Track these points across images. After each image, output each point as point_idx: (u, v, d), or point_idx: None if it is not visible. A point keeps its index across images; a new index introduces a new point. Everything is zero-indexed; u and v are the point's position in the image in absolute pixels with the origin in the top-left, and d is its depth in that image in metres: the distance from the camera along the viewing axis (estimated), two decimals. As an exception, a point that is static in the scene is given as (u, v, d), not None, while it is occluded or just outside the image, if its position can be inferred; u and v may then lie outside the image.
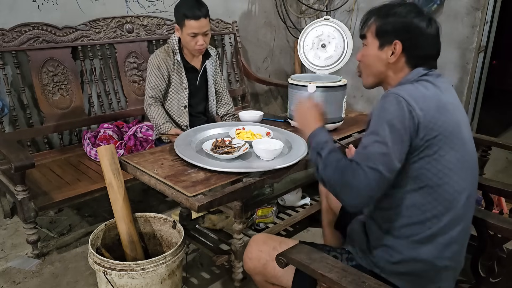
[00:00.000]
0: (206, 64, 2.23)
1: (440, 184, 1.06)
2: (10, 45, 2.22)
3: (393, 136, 1.02)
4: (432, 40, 1.16)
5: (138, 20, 2.71)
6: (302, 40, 2.18)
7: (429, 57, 1.17)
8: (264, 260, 1.26)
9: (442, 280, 1.12)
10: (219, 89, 2.40)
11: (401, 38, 1.15)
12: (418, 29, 1.14)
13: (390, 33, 1.16)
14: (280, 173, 1.56)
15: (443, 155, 1.05)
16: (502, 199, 2.22)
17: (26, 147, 2.35)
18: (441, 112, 1.07)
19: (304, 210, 2.23)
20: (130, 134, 2.42)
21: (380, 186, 1.02)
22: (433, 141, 1.04)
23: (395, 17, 1.16)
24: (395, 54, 1.16)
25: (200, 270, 2.02)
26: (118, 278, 1.46)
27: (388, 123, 1.03)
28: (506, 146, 1.94)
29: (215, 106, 2.38)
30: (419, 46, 1.15)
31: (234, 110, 2.48)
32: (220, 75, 2.40)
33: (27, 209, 1.91)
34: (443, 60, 3.12)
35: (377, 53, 1.20)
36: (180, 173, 1.51)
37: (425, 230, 1.08)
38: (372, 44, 1.21)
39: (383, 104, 1.07)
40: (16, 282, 1.91)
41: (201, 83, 2.25)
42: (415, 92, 1.07)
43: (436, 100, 1.08)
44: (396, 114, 1.03)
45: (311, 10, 3.77)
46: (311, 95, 1.40)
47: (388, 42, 1.17)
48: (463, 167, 1.09)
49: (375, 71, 1.22)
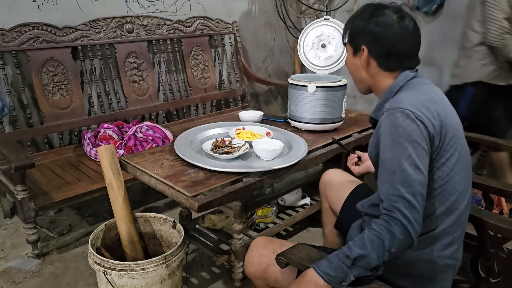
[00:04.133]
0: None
1: (444, 186, 1.05)
2: (10, 45, 2.22)
3: (418, 151, 0.99)
4: (400, 38, 1.12)
5: (138, 20, 2.71)
6: (302, 40, 2.18)
7: (402, 57, 1.14)
8: (265, 264, 1.24)
9: (444, 279, 1.12)
10: None
11: (365, 42, 1.15)
12: (381, 32, 1.12)
13: (357, 39, 1.17)
14: (280, 173, 1.56)
15: (449, 158, 1.04)
16: (502, 199, 2.22)
17: (26, 147, 2.34)
18: (445, 115, 1.05)
19: (304, 210, 2.23)
20: (130, 134, 2.42)
21: (422, 205, 0.98)
22: (443, 147, 1.03)
23: (360, 22, 1.16)
24: (363, 59, 1.17)
25: (200, 270, 2.02)
26: (118, 278, 1.46)
27: (408, 140, 0.99)
28: (506, 146, 1.94)
29: None
30: (386, 47, 1.12)
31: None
32: None
33: (27, 209, 1.91)
34: (443, 60, 3.15)
35: (353, 60, 1.21)
36: (180, 173, 1.51)
37: (428, 232, 1.07)
38: (349, 51, 1.23)
39: (392, 122, 1.02)
40: (16, 282, 1.91)
41: None
42: (416, 101, 1.04)
43: (437, 103, 1.06)
44: (411, 128, 0.99)
45: (311, 10, 3.77)
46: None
47: (358, 47, 1.17)
48: (462, 167, 1.09)
49: (358, 77, 1.23)
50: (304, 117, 1.98)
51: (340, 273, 0.94)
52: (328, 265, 0.96)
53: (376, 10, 1.15)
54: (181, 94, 2.98)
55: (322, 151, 1.77)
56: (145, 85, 2.76)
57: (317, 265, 0.98)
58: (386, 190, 1.00)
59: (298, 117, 2.01)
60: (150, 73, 2.78)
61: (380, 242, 0.95)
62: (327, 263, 0.97)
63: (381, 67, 1.16)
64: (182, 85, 2.99)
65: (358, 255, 0.94)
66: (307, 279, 0.98)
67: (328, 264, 0.96)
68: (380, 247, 0.95)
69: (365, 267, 0.95)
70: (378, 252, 0.94)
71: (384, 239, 0.95)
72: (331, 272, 0.95)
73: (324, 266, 0.96)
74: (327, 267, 0.96)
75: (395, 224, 0.95)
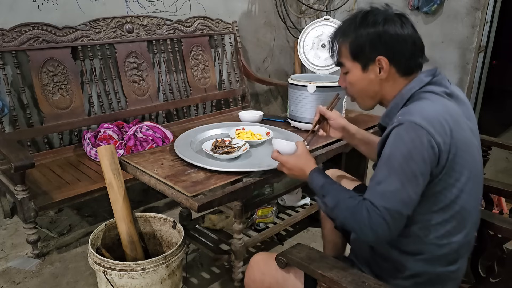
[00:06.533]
0: None
1: (452, 206, 1.01)
2: (10, 45, 2.22)
3: (411, 169, 0.94)
4: (412, 38, 1.06)
5: (138, 20, 2.71)
6: (302, 40, 2.18)
7: (416, 55, 1.08)
8: (268, 283, 1.19)
9: (448, 285, 1.11)
10: None
11: (382, 51, 1.06)
12: (395, 35, 1.04)
13: (368, 51, 1.07)
14: (280, 173, 1.56)
15: (458, 178, 0.99)
16: (502, 199, 2.22)
17: (26, 147, 2.35)
18: (456, 130, 0.98)
19: (304, 210, 2.23)
20: (130, 134, 2.42)
21: (398, 226, 0.97)
22: (451, 165, 0.97)
23: (365, 32, 1.06)
24: (384, 70, 1.07)
25: (200, 270, 2.02)
26: (118, 278, 1.46)
27: (406, 156, 0.94)
28: (506, 146, 1.94)
29: None
30: (404, 51, 1.06)
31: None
32: None
33: (27, 209, 1.91)
34: (443, 60, 3.15)
35: (364, 76, 1.11)
36: (180, 173, 1.51)
37: (435, 250, 1.04)
38: (354, 68, 1.12)
39: (399, 134, 0.97)
40: (16, 282, 1.91)
41: None
42: (429, 113, 0.97)
43: (449, 116, 0.98)
44: (413, 145, 0.94)
45: (311, 10, 3.77)
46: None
47: (371, 60, 1.08)
48: (473, 186, 1.03)
49: (371, 93, 1.13)
50: (304, 117, 1.98)
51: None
52: (315, 180, 1.16)
53: (376, 14, 1.07)
54: (181, 94, 2.98)
55: (322, 151, 1.77)
56: (145, 85, 2.76)
57: (311, 175, 1.18)
58: (371, 191, 1.00)
59: (298, 117, 2.01)
60: (150, 73, 2.78)
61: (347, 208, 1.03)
62: (315, 178, 1.16)
63: (399, 72, 1.08)
64: (182, 85, 2.99)
65: (326, 201, 1.10)
66: (303, 171, 1.21)
67: (316, 179, 1.16)
68: (343, 209, 1.04)
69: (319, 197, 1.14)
70: (337, 206, 1.06)
71: (354, 211, 1.00)
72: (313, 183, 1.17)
73: (314, 178, 1.16)
74: (314, 180, 1.16)
75: (365, 209, 0.99)
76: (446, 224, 1.02)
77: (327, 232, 1.65)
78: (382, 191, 0.97)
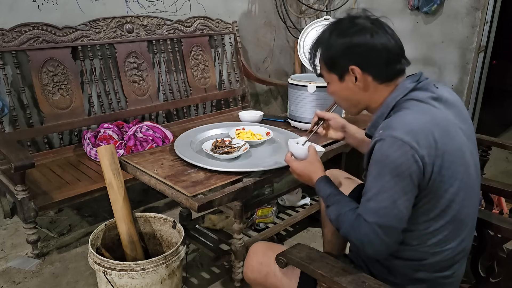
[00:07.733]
0: None
1: (442, 215, 1.01)
2: (10, 45, 2.22)
3: (400, 186, 0.94)
4: (384, 46, 1.03)
5: (138, 20, 2.71)
6: (302, 40, 2.18)
7: (392, 62, 1.05)
8: (265, 272, 1.23)
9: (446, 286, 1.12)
10: None
11: (354, 61, 1.05)
12: (365, 45, 1.03)
13: (340, 62, 1.07)
14: (280, 173, 1.56)
15: (446, 189, 0.98)
16: (502, 199, 2.22)
17: (26, 147, 2.34)
18: (443, 142, 0.96)
19: (304, 210, 2.23)
20: (130, 134, 2.42)
21: (394, 240, 0.98)
22: (436, 177, 0.96)
23: (336, 43, 1.06)
24: (359, 79, 1.07)
25: (200, 270, 2.02)
26: (118, 278, 1.46)
27: (392, 173, 0.94)
28: (506, 146, 1.94)
29: None
30: (376, 59, 1.04)
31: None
32: None
33: (27, 209, 1.91)
34: (443, 60, 3.16)
35: (342, 85, 1.11)
36: (180, 173, 1.51)
37: (428, 257, 1.04)
38: (332, 79, 1.13)
39: (383, 151, 0.96)
40: (16, 282, 1.91)
41: None
42: (412, 125, 0.95)
43: (435, 126, 0.96)
44: (399, 161, 0.93)
45: (311, 10, 3.77)
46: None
47: (345, 70, 1.08)
48: (466, 195, 1.02)
49: (353, 102, 1.14)
50: (304, 117, 1.98)
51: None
52: (322, 189, 1.17)
53: (348, 23, 1.06)
54: (181, 94, 2.98)
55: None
56: (145, 85, 2.76)
57: (318, 184, 1.18)
58: (364, 207, 1.01)
59: (298, 117, 2.01)
60: (150, 73, 2.78)
61: (345, 219, 1.04)
62: (321, 188, 1.17)
63: (377, 80, 1.07)
64: (182, 85, 2.99)
65: (331, 205, 1.11)
66: (311, 179, 1.21)
67: (322, 189, 1.16)
68: (341, 220, 1.06)
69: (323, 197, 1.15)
70: (337, 217, 1.07)
71: (347, 220, 1.03)
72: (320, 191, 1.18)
73: (321, 188, 1.17)
74: (321, 190, 1.17)
75: (362, 223, 1.00)
76: (438, 233, 1.02)
77: (327, 232, 1.65)
78: (374, 208, 0.97)
